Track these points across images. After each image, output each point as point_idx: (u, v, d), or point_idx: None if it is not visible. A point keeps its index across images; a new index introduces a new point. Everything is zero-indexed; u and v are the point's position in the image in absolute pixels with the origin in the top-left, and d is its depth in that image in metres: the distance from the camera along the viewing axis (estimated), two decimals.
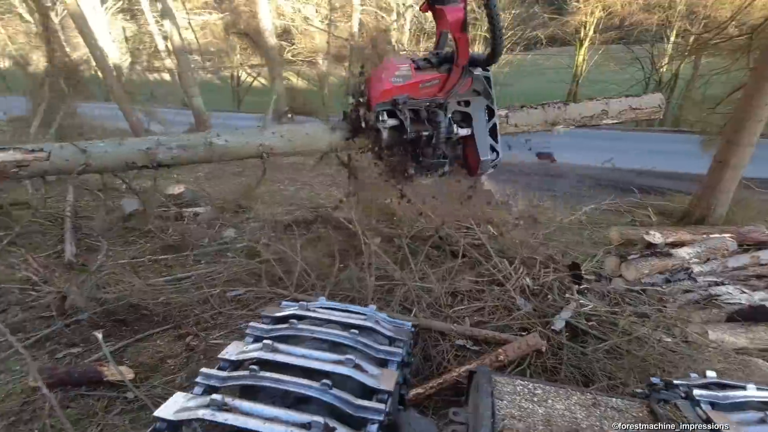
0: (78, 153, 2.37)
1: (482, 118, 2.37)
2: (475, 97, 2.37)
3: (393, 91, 2.25)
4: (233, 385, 1.41)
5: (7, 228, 4.27)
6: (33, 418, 2.41)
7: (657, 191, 8.50)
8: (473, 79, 2.31)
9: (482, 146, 2.37)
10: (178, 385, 2.75)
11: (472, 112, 2.37)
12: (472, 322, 3.31)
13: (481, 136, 2.37)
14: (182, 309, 3.51)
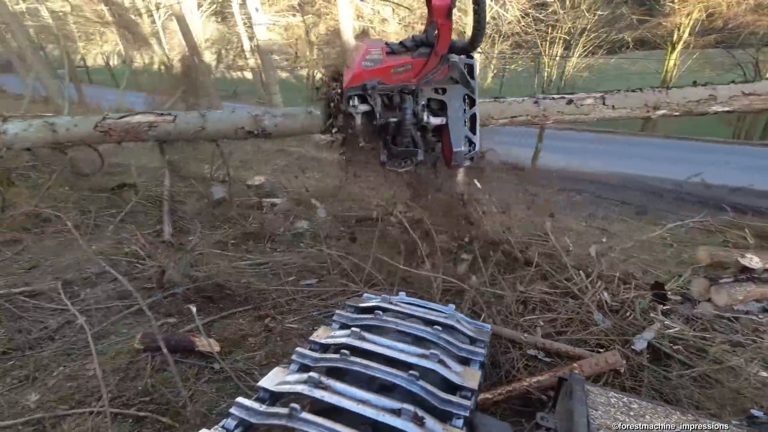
0: (198, 118, 2.73)
1: (458, 107, 2.23)
2: (452, 85, 2.23)
3: (363, 76, 2.17)
4: (324, 366, 1.51)
5: (117, 207, 4.83)
6: (137, 377, 2.72)
7: (755, 211, 7.65)
8: (450, 66, 2.17)
9: (456, 137, 2.23)
10: (258, 362, 2.96)
11: (448, 100, 2.24)
12: (543, 333, 3.23)
13: (455, 126, 2.23)
14: (261, 292, 3.75)
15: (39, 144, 3.40)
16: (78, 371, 2.72)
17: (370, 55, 2.18)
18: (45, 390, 2.55)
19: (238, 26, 15.48)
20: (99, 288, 3.57)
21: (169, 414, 2.46)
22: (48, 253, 4.00)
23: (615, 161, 13.24)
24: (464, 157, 2.30)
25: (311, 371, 1.41)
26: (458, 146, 2.24)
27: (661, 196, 10.97)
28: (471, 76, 2.25)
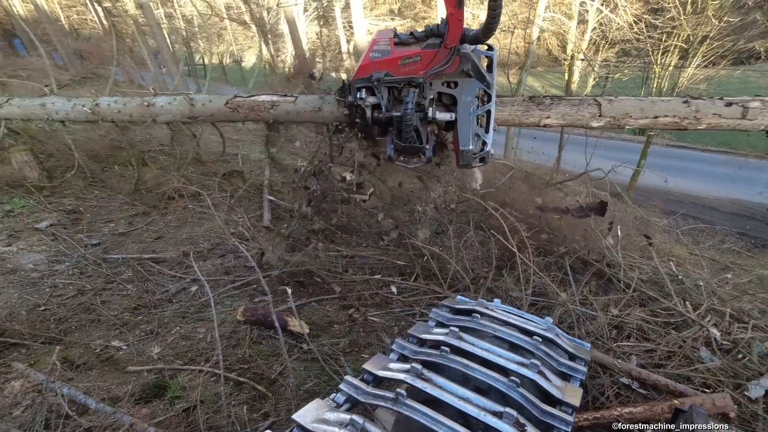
0: (317, 101, 2.96)
1: (469, 103, 2.04)
2: (465, 79, 2.05)
3: (370, 67, 2.08)
4: (422, 359, 1.57)
5: (225, 191, 5.36)
6: (237, 345, 3.01)
7: None
8: (462, 58, 1.98)
9: (464, 134, 2.04)
10: (341, 348, 3.13)
11: (458, 94, 2.07)
12: (639, 362, 3.00)
13: (463, 122, 2.04)
14: (347, 284, 3.94)
15: (178, 117, 3.92)
16: (191, 332, 3.08)
17: (378, 46, 2.12)
18: (165, 345, 2.92)
19: (338, 29, 16.26)
20: (209, 262, 4.00)
21: (263, 383, 2.69)
22: (170, 227, 4.55)
23: (732, 186, 11.79)
24: (473, 156, 2.08)
25: (410, 362, 1.48)
26: (466, 144, 2.04)
27: None
28: (489, 69, 2.08)
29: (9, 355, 2.51)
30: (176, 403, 2.43)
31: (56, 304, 3.07)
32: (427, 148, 2.19)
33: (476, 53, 2.04)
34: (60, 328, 2.85)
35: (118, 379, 2.57)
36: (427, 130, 2.16)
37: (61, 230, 4.04)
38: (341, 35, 16.31)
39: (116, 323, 3.04)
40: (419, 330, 1.75)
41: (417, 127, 2.07)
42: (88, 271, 3.50)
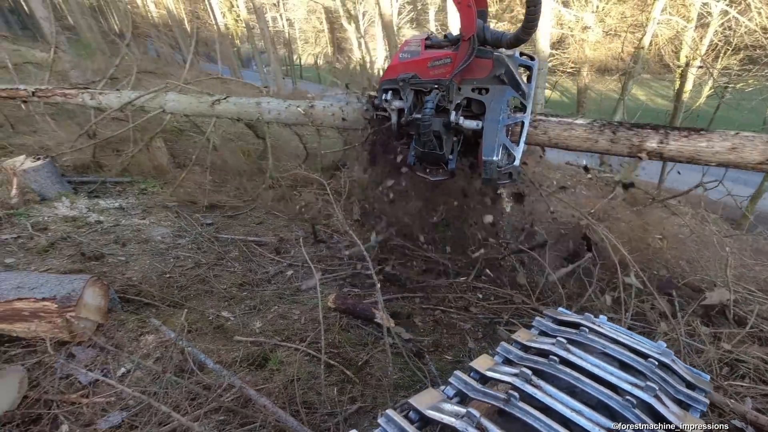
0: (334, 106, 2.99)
1: (498, 110, 1.84)
2: (498, 86, 1.86)
3: (398, 68, 1.97)
4: (528, 365, 1.57)
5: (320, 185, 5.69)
6: (327, 330, 3.20)
7: None
8: (495, 61, 1.81)
9: (489, 143, 1.82)
10: (425, 346, 3.19)
11: (488, 101, 1.87)
12: (755, 405, 2.69)
13: (489, 130, 1.83)
14: (434, 286, 4.00)
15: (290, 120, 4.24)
16: (287, 312, 3.33)
17: (408, 47, 1.99)
18: (265, 321, 3.20)
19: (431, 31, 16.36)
20: (304, 249, 4.28)
21: (351, 369, 2.83)
22: (271, 214, 4.94)
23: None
24: (497, 170, 1.87)
25: (517, 367, 1.49)
26: (489, 155, 1.84)
27: None
28: (529, 80, 1.92)
29: (144, 313, 2.92)
30: (275, 375, 2.65)
31: (178, 273, 3.49)
32: (450, 159, 2.03)
33: (513, 60, 1.90)
34: (182, 294, 3.25)
35: (227, 346, 2.87)
36: (452, 139, 2.01)
37: (183, 209, 4.58)
38: None
39: (225, 296, 3.39)
40: (523, 336, 1.75)
41: (439, 134, 1.94)
42: (203, 247, 3.94)
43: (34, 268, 3.06)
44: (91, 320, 2.47)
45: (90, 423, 2.08)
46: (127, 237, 3.84)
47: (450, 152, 2.03)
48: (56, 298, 2.27)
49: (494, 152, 1.85)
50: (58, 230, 3.62)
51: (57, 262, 3.27)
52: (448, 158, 2.04)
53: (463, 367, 2.10)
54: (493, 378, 1.45)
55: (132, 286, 3.13)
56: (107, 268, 3.32)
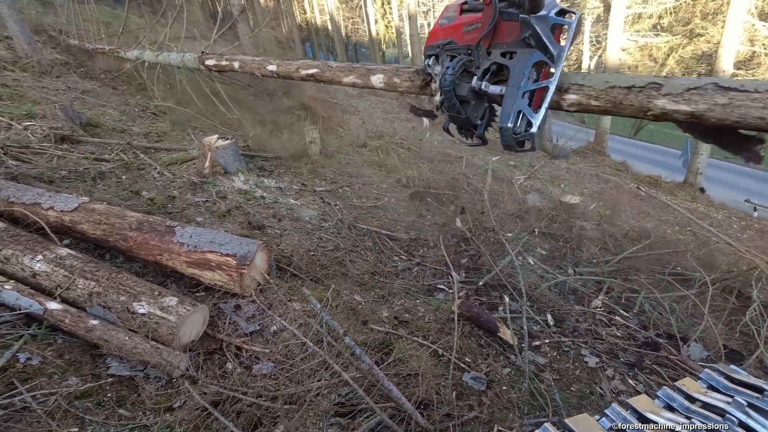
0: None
1: (519, 74, 1.70)
2: (524, 49, 1.72)
3: (438, 34, 1.98)
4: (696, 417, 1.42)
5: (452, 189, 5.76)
6: (449, 333, 3.24)
7: None
8: (522, 24, 1.67)
9: (506, 108, 1.70)
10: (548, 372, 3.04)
11: (512, 65, 1.73)
12: None
13: (508, 95, 1.70)
14: (560, 310, 3.77)
15: None
16: (412, 308, 3.45)
17: (447, 12, 1.99)
18: (391, 311, 3.37)
19: (584, 44, 15.26)
20: (432, 251, 4.39)
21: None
22: (400, 214, 5.16)
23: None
24: (513, 137, 1.72)
25: (680, 415, 1.36)
26: (504, 121, 1.71)
27: None
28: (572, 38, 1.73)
29: (292, 282, 3.31)
30: (399, 365, 2.78)
31: (321, 253, 3.86)
32: (479, 123, 1.96)
33: (545, 20, 1.70)
34: (322, 272, 3.59)
35: (356, 327, 3.09)
36: (484, 105, 1.95)
37: (328, 195, 5.04)
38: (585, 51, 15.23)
39: (358, 281, 3.65)
40: (688, 386, 1.58)
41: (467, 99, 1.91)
42: (342, 233, 4.28)
43: (216, 228, 3.68)
44: (256, 279, 2.88)
45: (248, 366, 2.44)
46: (282, 214, 4.37)
47: (480, 117, 1.95)
48: (236, 255, 2.71)
49: (510, 118, 1.71)
50: (233, 200, 4.29)
51: (231, 226, 3.87)
52: (477, 123, 1.96)
53: (593, 405, 1.99)
54: (653, 421, 1.34)
55: (284, 257, 3.56)
56: (266, 238, 3.83)
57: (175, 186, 4.25)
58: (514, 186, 6.64)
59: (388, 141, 7.48)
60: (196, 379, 2.23)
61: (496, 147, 11.47)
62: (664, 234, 6.10)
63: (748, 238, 8.36)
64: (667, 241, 5.59)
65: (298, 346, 2.66)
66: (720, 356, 3.35)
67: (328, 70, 2.74)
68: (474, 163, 8.43)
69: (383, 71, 2.50)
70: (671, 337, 3.58)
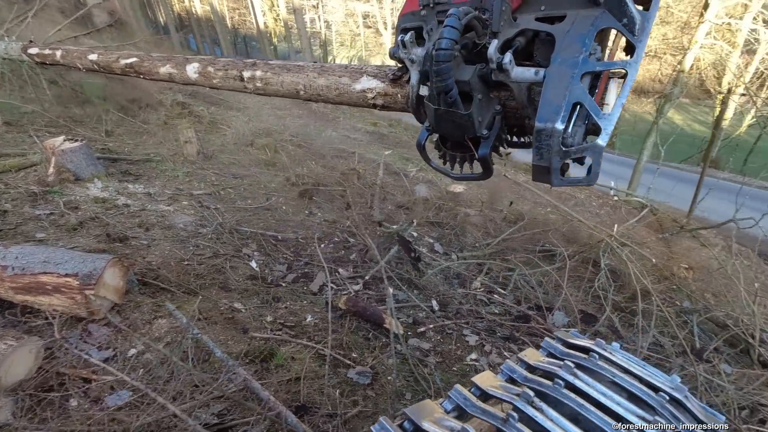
0: None
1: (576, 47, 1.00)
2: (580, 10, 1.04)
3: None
4: (531, 386, 1.53)
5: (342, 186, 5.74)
6: (337, 330, 3.21)
7: None
8: None
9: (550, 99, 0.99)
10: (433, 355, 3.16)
11: (559, 33, 1.04)
12: None
13: (555, 79, 1.00)
14: (444, 295, 3.96)
15: None
16: (298, 309, 3.35)
17: None
18: (276, 315, 3.23)
19: None
20: (320, 249, 4.31)
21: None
22: (289, 214, 5.01)
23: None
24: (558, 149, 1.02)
25: (520, 386, 1.46)
26: (547, 118, 1.00)
27: None
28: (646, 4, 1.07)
29: (159, 297, 3.00)
30: (280, 371, 2.67)
31: (197, 262, 3.57)
32: (484, 133, 1.19)
33: None
34: (198, 282, 3.32)
35: (236, 338, 2.91)
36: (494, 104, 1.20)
37: (207, 199, 4.68)
38: None
39: (240, 288, 3.44)
40: (530, 356, 1.71)
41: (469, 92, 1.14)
42: (223, 238, 4.01)
43: (62, 244, 3.19)
44: (108, 299, 2.55)
45: (98, 399, 2.15)
46: (152, 222, 3.95)
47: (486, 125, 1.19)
48: (78, 275, 2.36)
49: (557, 115, 0.98)
50: (88, 210, 3.76)
51: (84, 240, 3.39)
52: (481, 133, 1.19)
53: (467, 382, 2.15)
54: (494, 396, 1.42)
55: (151, 270, 3.21)
56: (130, 251, 3.43)
57: (8, 198, 3.60)
58: (404, 179, 6.84)
59: (277, 138, 7.22)
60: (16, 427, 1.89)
61: (390, 141, 11.74)
62: (537, 215, 6.74)
63: (604, 213, 9.60)
64: (538, 221, 6.18)
65: (163, 367, 2.42)
66: (577, 321, 3.78)
67: (147, 59, 2.47)
68: (368, 158, 8.52)
69: (200, 60, 2.14)
70: (540, 308, 3.96)
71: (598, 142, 1.00)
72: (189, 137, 5.39)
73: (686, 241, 5.49)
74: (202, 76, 2.16)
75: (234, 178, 5.55)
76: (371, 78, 1.48)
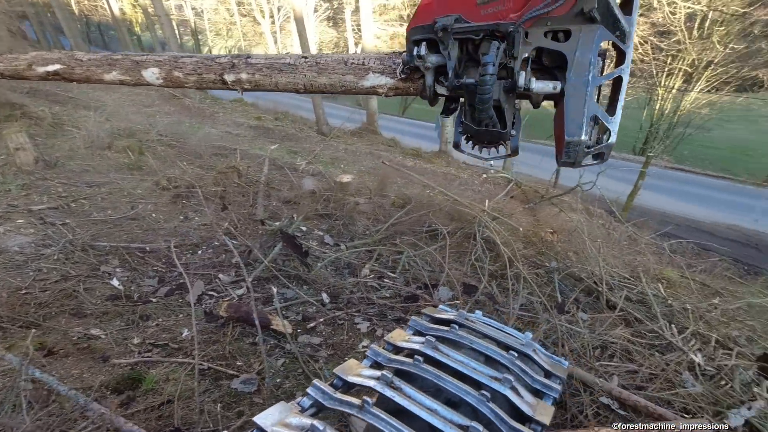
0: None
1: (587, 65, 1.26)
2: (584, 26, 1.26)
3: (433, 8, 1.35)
4: (395, 367, 1.56)
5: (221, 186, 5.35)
6: (218, 341, 2.99)
7: None
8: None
9: (574, 115, 1.27)
10: (324, 349, 3.11)
11: (570, 51, 1.27)
12: (621, 382, 2.99)
13: (575, 96, 1.27)
14: (335, 286, 3.93)
15: None
16: (172, 325, 3.05)
17: None
18: (145, 335, 2.90)
19: (347, 32, 16.33)
20: (197, 256, 3.98)
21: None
22: (161, 219, 4.53)
23: (730, 212, 11.84)
24: (584, 151, 1.30)
25: (383, 369, 1.47)
26: (574, 133, 1.26)
27: None
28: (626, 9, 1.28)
29: None
30: (150, 396, 2.40)
31: (38, 289, 3.04)
32: (512, 134, 1.47)
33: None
34: (40, 312, 2.83)
35: (93, 368, 2.54)
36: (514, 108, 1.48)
37: (52, 214, 4.02)
38: (350, 38, 16.39)
39: (98, 311, 3.02)
40: (396, 337, 1.74)
41: (499, 103, 1.36)
42: (74, 258, 3.48)
43: None
44: None
45: None
46: None
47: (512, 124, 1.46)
48: None
49: (582, 128, 1.25)
50: None
51: None
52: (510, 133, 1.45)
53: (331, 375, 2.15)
54: (355, 383, 1.40)
55: None
56: None
57: None
58: (291, 174, 6.63)
59: (143, 139, 6.48)
60: None
61: (276, 135, 11.32)
62: (423, 198, 7.04)
63: (485, 190, 10.39)
64: (424, 203, 6.46)
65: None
66: (459, 293, 4.01)
67: (78, 65, 1.96)
68: (252, 154, 8.11)
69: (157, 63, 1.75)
70: (426, 286, 4.13)
71: (611, 140, 1.28)
72: (20, 143, 4.54)
73: (550, 209, 6.18)
74: (168, 81, 1.78)
75: (88, 186, 4.84)
76: (379, 74, 1.54)
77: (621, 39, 1.25)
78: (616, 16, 1.23)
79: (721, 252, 8.61)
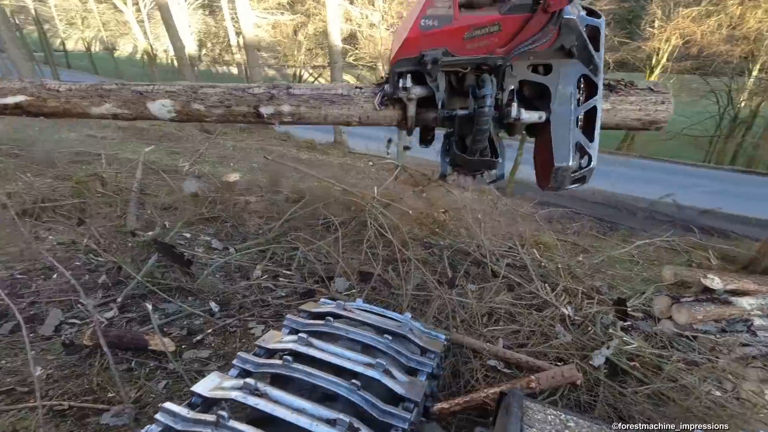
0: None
1: (569, 97, 1.41)
2: (562, 61, 1.41)
3: (419, 42, 1.40)
4: (266, 372, 1.47)
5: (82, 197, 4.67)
6: (83, 374, 2.61)
7: (721, 233, 7.92)
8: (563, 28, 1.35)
9: (560, 144, 1.42)
10: (215, 363, 2.89)
11: (552, 84, 1.42)
12: (506, 344, 3.25)
13: (560, 125, 1.41)
14: (225, 293, 3.67)
15: None
16: (20, 367, 2.59)
17: (433, 9, 1.37)
18: None
19: (226, 21, 15.31)
20: (52, 281, 3.43)
21: None
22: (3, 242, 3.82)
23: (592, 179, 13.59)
24: (570, 176, 1.44)
25: (251, 377, 1.37)
26: (562, 160, 1.40)
27: (634, 215, 11.31)
28: (595, 46, 1.40)
29: None
30: None
31: None
32: (499, 162, 1.56)
33: (581, 20, 1.38)
34: None
35: None
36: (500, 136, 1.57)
37: None
38: (229, 27, 15.38)
39: None
40: (269, 339, 1.65)
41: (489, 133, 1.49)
42: None
43: None
44: None
45: None
46: None
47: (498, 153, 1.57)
48: None
49: (569, 155, 1.39)
50: None
51: None
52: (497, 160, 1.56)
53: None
54: (216, 398, 1.29)
55: None
56: None
57: None
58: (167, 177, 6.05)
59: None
60: None
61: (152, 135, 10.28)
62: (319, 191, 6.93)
63: (381, 177, 10.57)
64: (319, 196, 6.36)
65: None
66: (355, 282, 4.01)
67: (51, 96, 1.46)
68: (122, 158, 7.25)
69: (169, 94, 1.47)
70: (323, 279, 4.06)
71: (592, 165, 1.42)
72: None
73: (439, 189, 6.49)
74: (183, 114, 1.46)
75: None
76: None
77: (594, 72, 1.40)
78: (590, 52, 1.37)
79: (587, 214, 9.88)
